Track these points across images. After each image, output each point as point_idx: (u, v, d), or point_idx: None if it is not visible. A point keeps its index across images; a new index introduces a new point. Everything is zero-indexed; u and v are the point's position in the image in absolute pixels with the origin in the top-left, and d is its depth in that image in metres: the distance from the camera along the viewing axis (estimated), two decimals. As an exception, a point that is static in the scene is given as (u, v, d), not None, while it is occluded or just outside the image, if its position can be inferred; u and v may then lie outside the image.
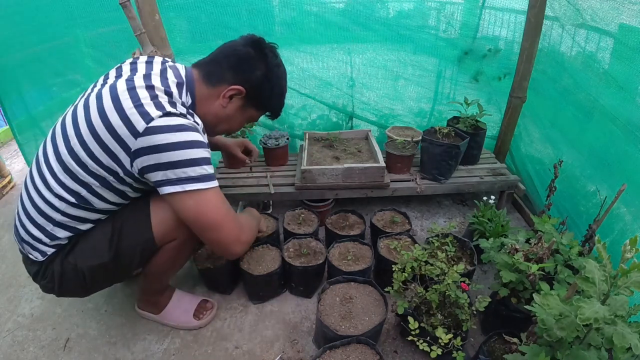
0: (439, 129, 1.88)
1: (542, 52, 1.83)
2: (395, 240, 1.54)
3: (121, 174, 0.98)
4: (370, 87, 2.15)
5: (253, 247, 1.52)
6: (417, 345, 1.10)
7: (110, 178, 0.99)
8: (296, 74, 2.04)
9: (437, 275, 1.19)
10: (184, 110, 1.00)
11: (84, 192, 1.00)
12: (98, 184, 0.99)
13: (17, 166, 2.67)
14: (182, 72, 1.07)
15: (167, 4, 1.73)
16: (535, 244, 1.19)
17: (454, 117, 2.05)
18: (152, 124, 0.90)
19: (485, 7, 1.97)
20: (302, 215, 1.72)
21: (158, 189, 0.96)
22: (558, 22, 1.75)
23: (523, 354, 0.90)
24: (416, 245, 1.37)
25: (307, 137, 2.07)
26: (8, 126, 2.14)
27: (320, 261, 1.45)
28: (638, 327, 0.78)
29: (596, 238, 0.86)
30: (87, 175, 0.97)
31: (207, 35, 1.90)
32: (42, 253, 1.06)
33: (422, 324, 1.14)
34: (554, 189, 1.48)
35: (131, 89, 0.94)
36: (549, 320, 0.83)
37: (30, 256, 1.07)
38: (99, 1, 1.72)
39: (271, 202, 2.04)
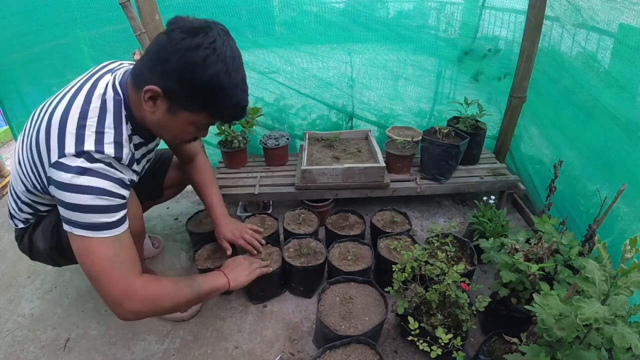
0: (439, 129, 1.88)
1: (542, 52, 1.82)
2: (395, 240, 1.54)
3: (40, 187, 1.01)
4: (370, 87, 2.14)
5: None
6: (417, 345, 1.10)
7: (37, 184, 1.01)
8: (296, 74, 2.04)
9: (437, 275, 1.19)
10: (110, 141, 0.90)
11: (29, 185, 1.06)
12: (30, 185, 1.03)
13: (17, 166, 2.67)
14: (119, 89, 0.95)
15: (167, 4, 1.72)
16: (535, 244, 1.19)
17: (454, 117, 2.05)
18: (61, 159, 0.86)
19: (485, 7, 1.97)
20: (302, 215, 1.72)
21: None
22: (558, 22, 1.75)
23: (523, 354, 0.90)
24: (416, 245, 1.37)
25: (307, 137, 2.07)
26: (8, 126, 2.14)
27: (320, 261, 1.45)
28: (638, 327, 0.78)
29: (596, 238, 0.86)
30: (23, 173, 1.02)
31: (207, 35, 1.89)
32: (16, 224, 1.20)
33: (422, 324, 1.14)
34: (554, 189, 1.48)
35: (64, 116, 0.90)
36: (549, 320, 0.83)
37: (11, 222, 1.21)
38: (99, 1, 1.72)
39: (271, 202, 2.04)
